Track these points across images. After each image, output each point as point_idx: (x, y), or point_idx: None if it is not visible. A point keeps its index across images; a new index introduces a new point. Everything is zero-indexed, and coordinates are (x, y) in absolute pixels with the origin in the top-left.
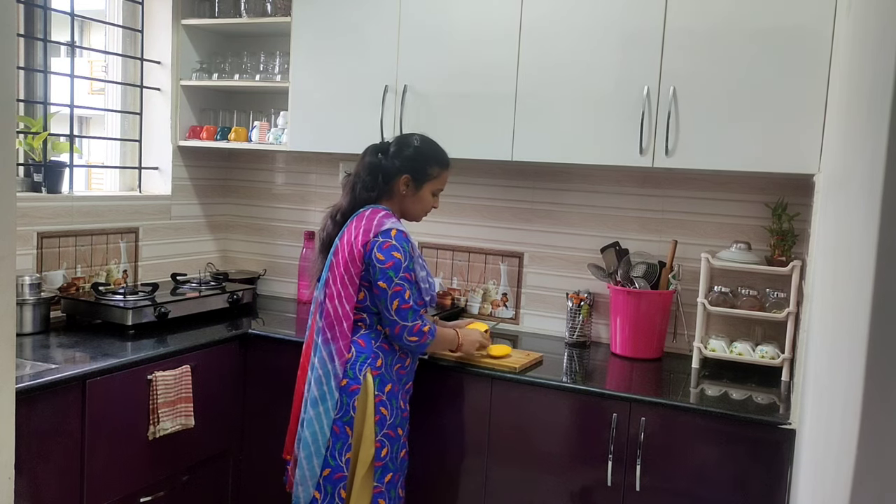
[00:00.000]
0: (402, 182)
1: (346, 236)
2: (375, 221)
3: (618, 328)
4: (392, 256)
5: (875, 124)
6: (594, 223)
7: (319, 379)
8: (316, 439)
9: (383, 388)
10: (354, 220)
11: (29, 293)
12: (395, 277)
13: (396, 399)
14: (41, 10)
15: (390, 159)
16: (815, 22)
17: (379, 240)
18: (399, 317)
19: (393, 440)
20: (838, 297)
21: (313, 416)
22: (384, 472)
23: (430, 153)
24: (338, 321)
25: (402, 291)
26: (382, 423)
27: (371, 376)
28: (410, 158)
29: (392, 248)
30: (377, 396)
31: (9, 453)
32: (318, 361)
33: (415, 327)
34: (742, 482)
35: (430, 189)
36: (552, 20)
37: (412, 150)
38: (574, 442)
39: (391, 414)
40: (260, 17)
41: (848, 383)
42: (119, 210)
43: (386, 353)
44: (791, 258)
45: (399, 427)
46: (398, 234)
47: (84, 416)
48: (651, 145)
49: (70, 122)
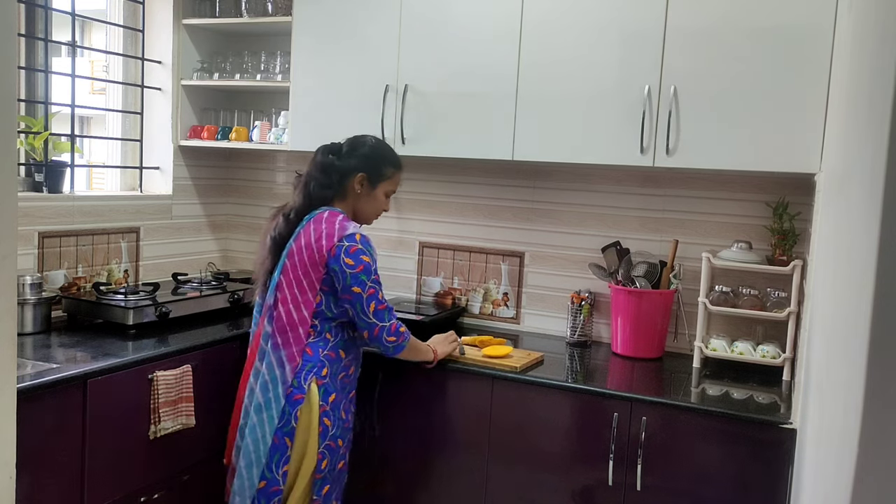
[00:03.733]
0: (357, 181)
1: (302, 239)
2: (337, 225)
3: (619, 328)
4: (362, 260)
5: (876, 123)
6: (595, 223)
7: (266, 385)
8: (257, 447)
9: (327, 398)
10: (312, 223)
11: (30, 293)
12: (367, 280)
13: (339, 409)
14: (42, 9)
15: (344, 158)
16: (816, 21)
17: (345, 244)
18: (377, 318)
19: (333, 451)
20: (839, 296)
21: (256, 422)
22: (322, 484)
23: (385, 153)
24: (291, 327)
25: (376, 294)
26: (325, 435)
27: (316, 386)
28: (365, 157)
29: (360, 251)
30: (321, 407)
31: (10, 452)
32: (265, 367)
33: (392, 326)
34: (743, 482)
35: (383, 189)
36: (553, 20)
37: (367, 149)
38: (575, 441)
39: (333, 425)
40: (261, 17)
41: (849, 382)
42: (120, 210)
43: (332, 362)
44: (792, 257)
45: (340, 438)
46: (363, 238)
47: (85, 415)
48: (652, 145)
49: (71, 122)
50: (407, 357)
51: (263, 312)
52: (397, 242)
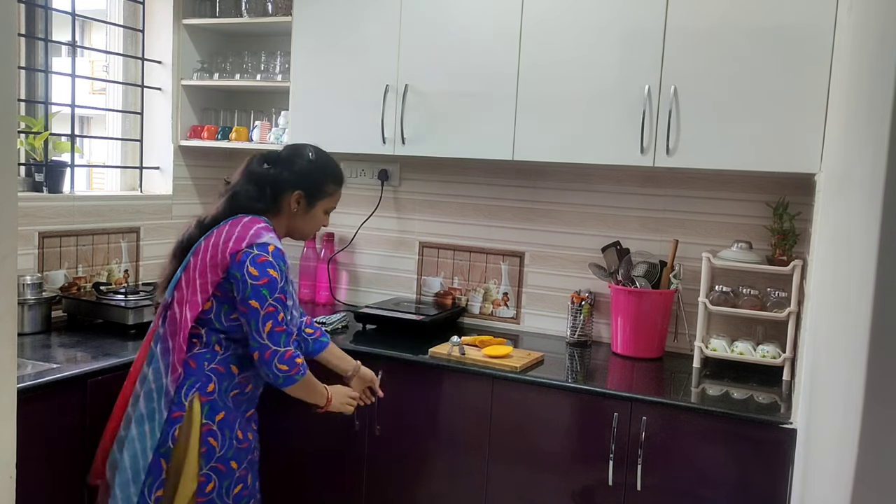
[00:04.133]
0: (294, 198)
1: (212, 238)
2: (252, 231)
3: (619, 328)
4: (267, 273)
5: (876, 123)
6: (595, 223)
7: (150, 394)
8: (136, 463)
9: (214, 416)
10: (227, 225)
11: (30, 293)
12: (269, 297)
13: (232, 429)
14: (42, 9)
15: (280, 171)
16: (816, 21)
17: (254, 252)
18: (271, 340)
19: (223, 475)
20: (839, 296)
21: (136, 435)
22: None
23: (327, 168)
24: (177, 330)
25: (275, 312)
26: (210, 456)
27: (199, 402)
28: (305, 173)
29: (268, 263)
30: (205, 426)
31: (10, 452)
32: (151, 373)
33: (286, 353)
34: (743, 482)
35: (322, 207)
36: (553, 20)
37: (306, 164)
38: (575, 441)
39: (222, 445)
40: (261, 17)
41: (849, 382)
42: (120, 210)
43: (221, 377)
44: (792, 257)
45: (233, 460)
46: (276, 251)
47: (85, 415)
48: (652, 144)
49: (71, 122)
50: (297, 394)
51: (159, 310)
52: (397, 242)
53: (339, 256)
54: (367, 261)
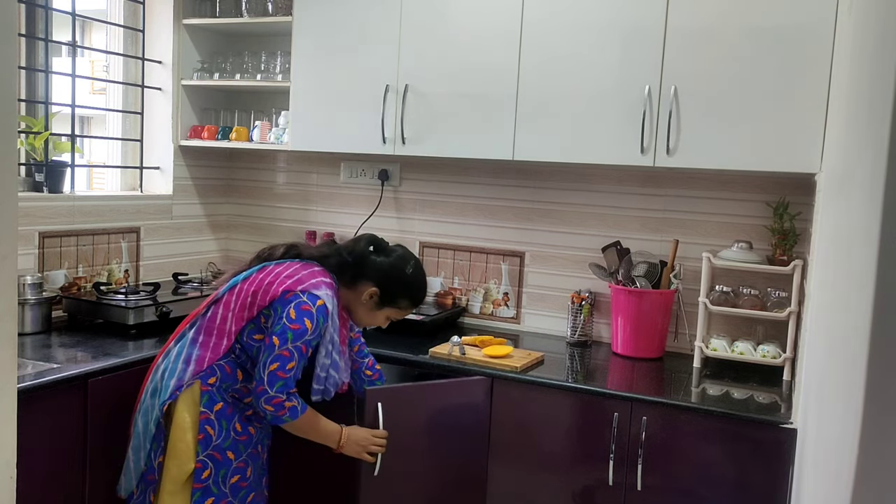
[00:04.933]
0: (369, 292)
1: (282, 267)
2: (315, 280)
3: (619, 327)
4: (303, 321)
5: (876, 123)
6: (595, 222)
7: (166, 372)
8: (147, 430)
9: (212, 406)
10: (301, 264)
11: (30, 293)
12: (289, 342)
13: (230, 421)
14: (42, 9)
15: (375, 262)
16: (816, 21)
17: (303, 298)
18: (269, 380)
19: (219, 463)
20: (840, 296)
21: (149, 406)
22: (205, 495)
23: (414, 287)
24: (219, 334)
25: (288, 358)
26: (206, 443)
27: (199, 389)
28: (393, 278)
29: (308, 314)
30: (203, 414)
31: (10, 452)
32: (175, 353)
33: (275, 399)
34: (743, 482)
35: (387, 313)
36: (553, 19)
37: (400, 272)
38: (575, 441)
39: (219, 435)
40: (261, 17)
41: (849, 382)
42: (120, 210)
43: (224, 375)
44: (792, 257)
45: (230, 450)
46: (322, 308)
47: (86, 415)
48: (652, 144)
49: (71, 122)
50: (298, 433)
51: (208, 300)
52: (397, 242)
53: None
54: None
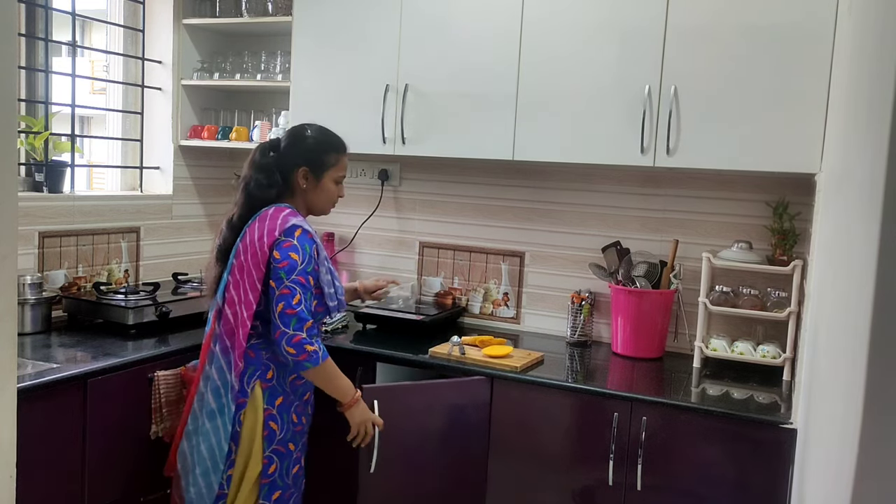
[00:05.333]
0: (301, 175)
1: (247, 237)
2: (280, 220)
3: (619, 328)
4: (288, 257)
5: (876, 123)
6: (595, 223)
7: (217, 390)
8: (213, 454)
9: (273, 401)
10: (256, 221)
11: (30, 293)
12: (285, 279)
13: (288, 413)
14: (42, 9)
15: (283, 154)
16: (816, 21)
17: (282, 238)
18: (281, 321)
19: (283, 456)
20: (839, 296)
21: (210, 429)
22: (272, 489)
23: (325, 141)
24: (236, 329)
25: (289, 295)
26: (271, 439)
27: (260, 389)
28: (305, 149)
29: (291, 248)
30: (266, 410)
31: (10, 452)
32: (215, 371)
33: (294, 338)
34: (743, 482)
35: (330, 178)
36: (553, 19)
37: (305, 141)
38: (575, 441)
39: (281, 429)
40: (261, 17)
41: (849, 382)
42: (120, 210)
43: (278, 365)
44: (792, 257)
45: (290, 442)
46: (302, 235)
47: (85, 415)
48: (652, 144)
49: (71, 122)
50: (316, 383)
51: (213, 313)
52: (397, 242)
53: (339, 256)
54: (367, 261)
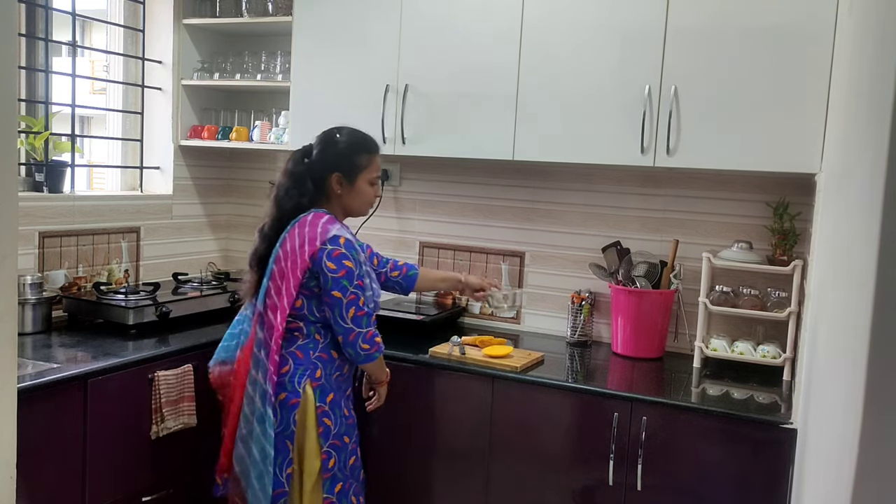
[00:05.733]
0: (335, 181)
1: (287, 243)
2: (320, 228)
3: (619, 328)
4: (344, 265)
5: (876, 123)
6: (595, 223)
7: (265, 395)
8: (265, 457)
9: (325, 398)
10: (296, 227)
11: (30, 293)
12: (349, 286)
13: (340, 408)
14: (43, 9)
15: (315, 161)
16: (816, 21)
17: (328, 247)
18: (355, 324)
19: (340, 449)
20: (839, 296)
21: (260, 432)
22: (333, 482)
23: (356, 143)
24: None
25: (356, 299)
26: (327, 434)
27: (311, 388)
28: (336, 155)
29: (343, 256)
30: (319, 407)
31: (10, 452)
32: (261, 375)
33: (368, 333)
34: (743, 482)
35: (364, 180)
36: (553, 19)
37: (336, 147)
38: (575, 441)
39: (335, 423)
40: (261, 17)
41: (849, 382)
42: (120, 209)
43: (325, 363)
44: (793, 257)
45: (345, 435)
46: (347, 242)
47: (86, 415)
48: (652, 145)
49: (71, 122)
50: (371, 370)
51: (255, 318)
52: (397, 242)
53: None
54: None
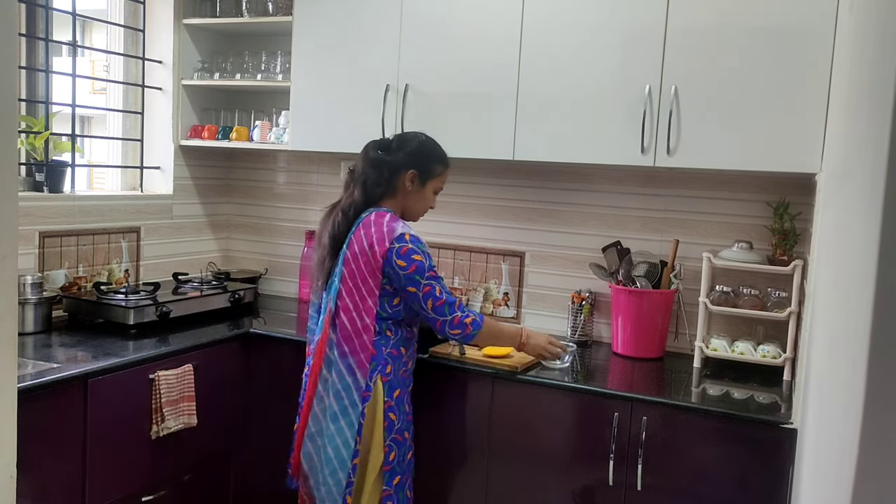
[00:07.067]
0: (409, 177)
1: (355, 245)
2: (385, 227)
3: (619, 327)
4: (413, 260)
5: (876, 123)
6: (596, 222)
7: (339, 393)
8: (339, 454)
9: (392, 393)
10: (361, 227)
11: (31, 292)
12: (422, 280)
13: (403, 403)
14: (43, 9)
15: (394, 154)
16: (817, 20)
17: (395, 246)
18: (437, 314)
19: (400, 444)
20: (840, 296)
21: (335, 430)
22: (392, 475)
23: (435, 150)
24: (356, 334)
25: (431, 290)
26: (391, 429)
27: (381, 383)
28: (416, 153)
29: (411, 251)
30: (387, 402)
31: (11, 452)
32: (334, 375)
33: (454, 320)
34: (743, 482)
35: (432, 187)
36: (554, 19)
37: (417, 145)
38: (576, 441)
39: (399, 419)
40: (261, 17)
41: (849, 383)
42: (121, 209)
43: (395, 359)
44: (793, 257)
45: (405, 431)
46: (412, 238)
47: (86, 415)
48: (653, 144)
49: (72, 122)
50: (486, 343)
51: (327, 318)
52: None
53: None
54: None
